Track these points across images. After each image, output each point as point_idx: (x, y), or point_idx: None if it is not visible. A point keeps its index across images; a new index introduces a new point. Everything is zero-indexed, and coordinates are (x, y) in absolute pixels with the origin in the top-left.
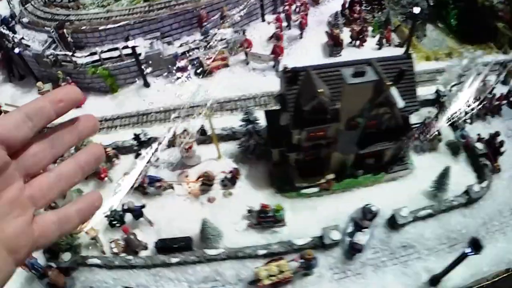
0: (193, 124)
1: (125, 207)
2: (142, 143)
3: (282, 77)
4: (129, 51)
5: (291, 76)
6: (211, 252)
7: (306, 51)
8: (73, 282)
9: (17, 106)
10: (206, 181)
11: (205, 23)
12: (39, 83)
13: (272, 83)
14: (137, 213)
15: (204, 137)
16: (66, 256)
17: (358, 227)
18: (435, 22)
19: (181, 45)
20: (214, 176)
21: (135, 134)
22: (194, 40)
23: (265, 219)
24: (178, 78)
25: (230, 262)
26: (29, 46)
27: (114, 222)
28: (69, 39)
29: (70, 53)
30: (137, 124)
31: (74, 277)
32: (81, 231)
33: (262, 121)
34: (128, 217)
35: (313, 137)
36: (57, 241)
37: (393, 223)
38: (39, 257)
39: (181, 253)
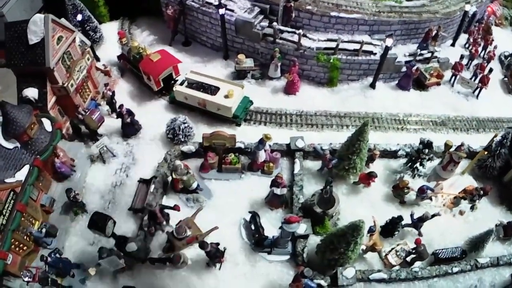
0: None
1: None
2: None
3: None
4: (366, 47)
5: None
6: (482, 260)
7: None
8: None
9: (203, 75)
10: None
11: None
12: (241, 56)
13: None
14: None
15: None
16: (349, 273)
17: None
18: None
19: (411, 55)
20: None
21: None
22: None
23: None
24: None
25: (490, 270)
26: (233, 10)
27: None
28: (293, 15)
29: (301, 32)
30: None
31: None
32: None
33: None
34: None
35: None
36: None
37: None
38: None
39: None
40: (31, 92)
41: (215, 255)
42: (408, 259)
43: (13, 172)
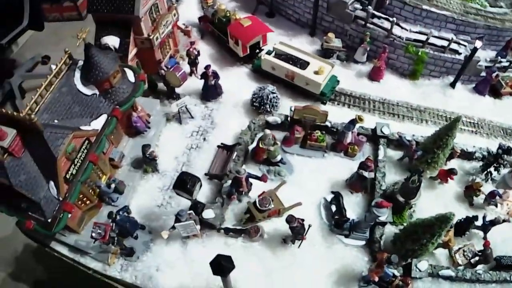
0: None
1: None
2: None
3: None
4: (452, 46)
5: None
6: None
7: None
8: None
9: (293, 47)
10: None
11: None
12: (331, 34)
13: None
14: None
15: None
16: (423, 265)
17: None
18: None
19: (492, 61)
20: None
21: (501, 145)
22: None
23: None
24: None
25: None
26: None
27: None
28: (387, 2)
29: (394, 20)
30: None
31: None
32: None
33: None
34: None
35: None
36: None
37: None
38: None
39: None
40: (112, 40)
41: (298, 232)
42: (473, 260)
43: (88, 120)
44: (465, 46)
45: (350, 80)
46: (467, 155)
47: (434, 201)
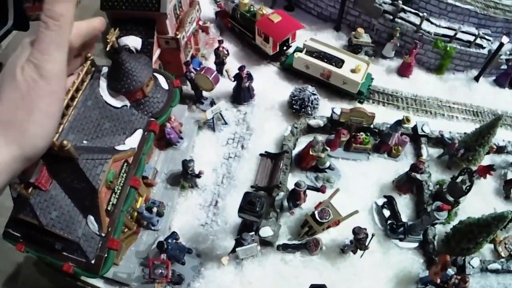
0: None
1: None
2: None
3: None
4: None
5: None
6: None
7: None
8: None
9: (325, 44)
10: None
11: None
12: (361, 29)
13: None
14: None
15: None
16: (475, 262)
17: None
18: None
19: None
20: None
21: None
22: None
23: None
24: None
25: None
26: None
27: None
28: None
29: (425, 15)
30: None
31: None
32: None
33: None
34: None
35: None
36: None
37: None
38: None
39: None
40: (133, 41)
41: (363, 242)
42: None
43: (122, 138)
44: (489, 40)
45: (380, 76)
46: (498, 149)
47: (474, 196)
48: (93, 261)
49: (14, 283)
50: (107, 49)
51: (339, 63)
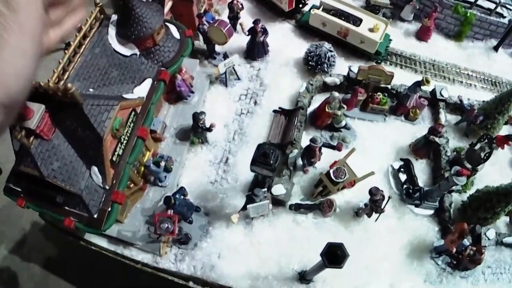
0: None
1: None
2: None
3: None
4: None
5: None
6: None
7: None
8: None
9: (342, 2)
10: None
11: None
12: None
13: None
14: None
15: None
16: (491, 234)
17: None
18: None
19: None
20: None
21: None
22: None
23: None
24: None
25: None
26: None
27: None
28: None
29: None
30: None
31: None
32: None
33: None
34: None
35: None
36: None
37: None
38: None
39: None
40: None
41: (379, 205)
42: None
43: (131, 87)
44: (510, 10)
45: (398, 39)
46: None
47: (491, 166)
48: (95, 215)
49: (20, 250)
50: None
51: (356, 21)
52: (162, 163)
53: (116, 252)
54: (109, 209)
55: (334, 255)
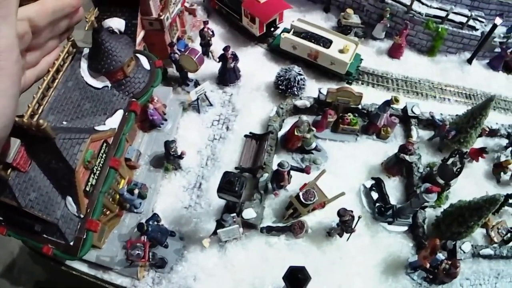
0: None
1: None
2: None
3: None
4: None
5: None
6: None
7: None
8: None
9: (313, 24)
10: None
11: None
12: (350, 10)
13: None
14: None
15: None
16: (466, 247)
17: None
18: None
19: (505, 37)
20: None
21: None
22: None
23: None
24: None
25: None
26: None
27: None
28: None
29: None
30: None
31: None
32: None
33: None
34: None
35: None
36: None
37: None
38: None
39: None
40: (116, 23)
41: (349, 225)
42: (506, 237)
43: (103, 118)
44: (482, 22)
45: (370, 57)
46: (491, 132)
47: (465, 179)
48: (72, 243)
49: (11, 273)
50: (86, 28)
51: (326, 43)
52: (136, 191)
53: (96, 277)
54: (84, 236)
55: (297, 278)
